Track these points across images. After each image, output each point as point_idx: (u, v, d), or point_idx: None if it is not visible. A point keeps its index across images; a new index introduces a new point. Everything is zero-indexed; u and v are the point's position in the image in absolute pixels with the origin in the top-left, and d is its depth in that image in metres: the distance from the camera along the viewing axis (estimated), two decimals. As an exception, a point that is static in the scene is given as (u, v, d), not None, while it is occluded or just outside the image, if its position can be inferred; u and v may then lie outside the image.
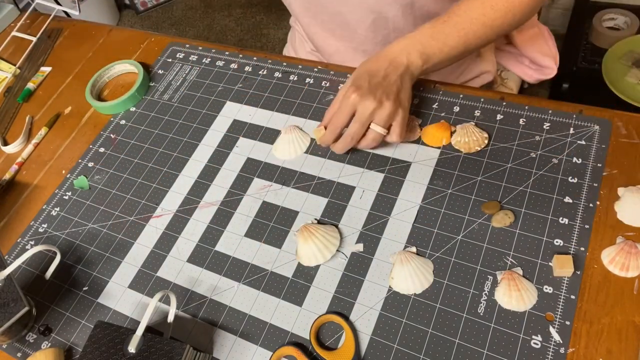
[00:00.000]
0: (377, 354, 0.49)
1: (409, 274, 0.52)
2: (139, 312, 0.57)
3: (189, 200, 0.65)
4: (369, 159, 0.63)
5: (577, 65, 1.44)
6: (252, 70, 0.76)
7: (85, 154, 0.73)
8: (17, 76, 0.88)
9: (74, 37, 0.93)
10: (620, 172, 0.55)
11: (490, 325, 0.49)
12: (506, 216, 0.54)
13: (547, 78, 0.90)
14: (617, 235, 0.51)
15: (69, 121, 0.79)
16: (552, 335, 0.47)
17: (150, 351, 0.47)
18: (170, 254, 0.60)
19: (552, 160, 0.58)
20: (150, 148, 0.71)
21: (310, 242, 0.55)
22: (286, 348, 0.51)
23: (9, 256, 0.65)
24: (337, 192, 0.61)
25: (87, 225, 0.65)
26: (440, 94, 0.67)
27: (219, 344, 0.53)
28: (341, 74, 0.72)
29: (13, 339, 0.57)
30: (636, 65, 1.32)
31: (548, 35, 0.89)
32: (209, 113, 0.73)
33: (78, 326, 0.57)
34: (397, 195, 0.59)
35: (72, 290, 0.60)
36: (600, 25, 1.44)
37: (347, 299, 0.53)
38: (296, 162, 0.65)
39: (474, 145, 0.60)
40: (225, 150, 0.68)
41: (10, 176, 0.74)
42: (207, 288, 0.57)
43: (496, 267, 0.52)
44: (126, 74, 0.83)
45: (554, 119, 0.61)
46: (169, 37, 0.87)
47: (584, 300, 0.48)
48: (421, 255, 0.54)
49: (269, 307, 0.54)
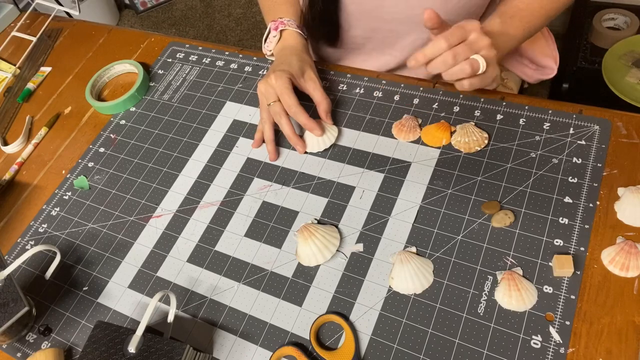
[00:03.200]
0: (377, 354, 0.49)
1: (409, 274, 0.52)
2: (139, 312, 0.57)
3: (189, 200, 0.65)
4: (369, 159, 0.63)
5: (577, 65, 1.44)
6: (252, 70, 0.76)
7: (85, 154, 0.73)
8: (17, 76, 0.88)
9: (74, 37, 0.93)
10: (620, 172, 0.55)
11: (490, 325, 0.49)
12: (506, 216, 0.54)
13: (547, 78, 0.90)
14: (617, 235, 0.51)
15: (69, 121, 0.79)
16: (552, 335, 0.47)
17: (150, 351, 0.47)
18: (170, 254, 0.60)
19: (552, 160, 0.58)
20: (150, 148, 0.71)
21: (310, 242, 0.55)
22: (286, 348, 0.51)
23: (9, 256, 0.65)
24: (337, 192, 0.61)
25: (87, 225, 0.65)
26: (440, 94, 0.67)
27: (219, 344, 0.53)
28: (341, 74, 0.72)
29: (13, 339, 0.57)
30: (636, 65, 1.32)
31: (548, 35, 0.89)
32: (209, 113, 0.73)
33: (78, 326, 0.57)
34: (397, 195, 0.59)
35: (72, 290, 0.60)
36: (600, 25, 1.44)
37: (347, 299, 0.53)
38: (296, 162, 0.65)
39: (474, 145, 0.60)
40: (225, 150, 0.68)
41: (10, 176, 0.74)
42: (207, 288, 0.57)
43: (496, 267, 0.52)
44: (126, 74, 0.83)
45: (554, 119, 0.61)
46: (169, 37, 0.87)
47: (584, 300, 0.48)
48: (421, 255, 0.54)
49: (269, 307, 0.54)
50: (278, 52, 0.71)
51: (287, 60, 0.67)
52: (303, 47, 0.71)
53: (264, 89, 0.64)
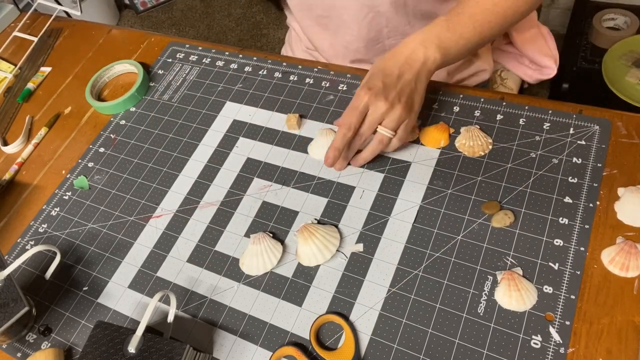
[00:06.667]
0: (377, 354, 0.49)
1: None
2: (139, 312, 0.57)
3: (189, 200, 0.65)
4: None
5: (577, 65, 1.44)
6: (252, 71, 0.76)
7: (85, 154, 0.73)
8: (17, 76, 0.88)
9: (74, 37, 0.93)
10: (620, 172, 0.55)
11: (490, 325, 0.49)
12: (506, 216, 0.54)
13: (547, 78, 0.90)
14: (617, 235, 0.51)
15: (69, 121, 0.79)
16: (552, 335, 0.47)
17: (150, 351, 0.47)
18: (170, 254, 0.60)
19: (552, 160, 0.58)
20: (150, 148, 0.71)
21: (310, 242, 0.55)
22: (286, 348, 0.51)
23: (9, 256, 0.65)
24: (337, 192, 0.61)
25: (87, 225, 0.65)
26: (440, 94, 0.67)
27: (219, 344, 0.53)
28: (341, 74, 0.72)
29: (13, 339, 0.57)
30: (636, 65, 1.32)
31: (548, 35, 0.89)
32: (209, 113, 0.73)
33: (78, 326, 0.57)
34: (397, 195, 0.59)
35: (72, 290, 0.60)
36: (600, 25, 1.44)
37: (347, 299, 0.53)
38: (296, 162, 0.65)
39: (478, 150, 0.60)
40: (225, 150, 0.68)
41: (10, 176, 0.74)
42: (207, 288, 0.57)
43: (496, 267, 0.52)
44: (126, 74, 0.83)
45: (554, 119, 0.61)
46: (169, 37, 0.87)
47: (584, 300, 0.48)
48: (418, 254, 0.54)
49: (269, 307, 0.54)
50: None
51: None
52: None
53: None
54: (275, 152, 0.66)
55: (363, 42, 0.78)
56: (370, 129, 0.58)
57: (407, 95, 0.57)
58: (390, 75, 0.58)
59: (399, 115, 0.57)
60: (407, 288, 0.52)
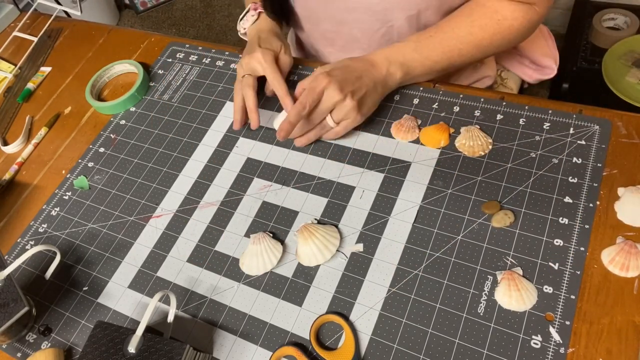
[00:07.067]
0: (377, 354, 0.49)
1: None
2: (139, 312, 0.57)
3: (189, 200, 0.65)
4: (369, 159, 0.63)
5: (577, 65, 1.44)
6: (252, 70, 0.76)
7: (85, 154, 0.73)
8: (17, 76, 0.88)
9: (74, 37, 0.93)
10: (620, 172, 0.55)
11: (490, 325, 0.49)
12: (506, 216, 0.54)
13: (547, 78, 0.90)
14: (617, 235, 0.51)
15: (69, 121, 0.79)
16: (552, 335, 0.47)
17: (150, 351, 0.47)
18: (170, 254, 0.60)
19: (552, 160, 0.58)
20: (150, 148, 0.71)
21: (310, 242, 0.55)
22: (286, 348, 0.51)
23: (9, 256, 0.65)
24: (337, 192, 0.61)
25: (87, 225, 0.65)
26: (440, 94, 0.67)
27: (219, 344, 0.53)
28: (341, 74, 0.72)
29: (13, 339, 0.57)
30: (636, 65, 1.32)
31: (548, 35, 0.89)
32: (209, 113, 0.73)
33: (78, 326, 0.57)
34: (397, 195, 0.59)
35: (72, 290, 0.60)
36: (600, 25, 1.44)
37: (347, 299, 0.53)
38: (296, 162, 0.65)
39: (478, 150, 0.60)
40: (225, 150, 0.68)
41: (10, 176, 0.74)
42: (207, 288, 0.57)
43: (496, 267, 0.52)
44: (126, 74, 0.83)
45: (554, 119, 0.61)
46: (169, 37, 0.87)
47: (584, 300, 0.48)
48: (418, 254, 0.54)
49: (269, 307, 0.54)
50: (254, 32, 0.73)
51: (268, 39, 0.70)
52: (279, 32, 0.73)
53: (247, 64, 0.66)
54: (275, 152, 0.66)
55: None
56: (320, 118, 0.61)
57: (361, 95, 0.60)
58: (351, 72, 0.61)
59: (348, 109, 0.60)
60: (407, 288, 0.52)
